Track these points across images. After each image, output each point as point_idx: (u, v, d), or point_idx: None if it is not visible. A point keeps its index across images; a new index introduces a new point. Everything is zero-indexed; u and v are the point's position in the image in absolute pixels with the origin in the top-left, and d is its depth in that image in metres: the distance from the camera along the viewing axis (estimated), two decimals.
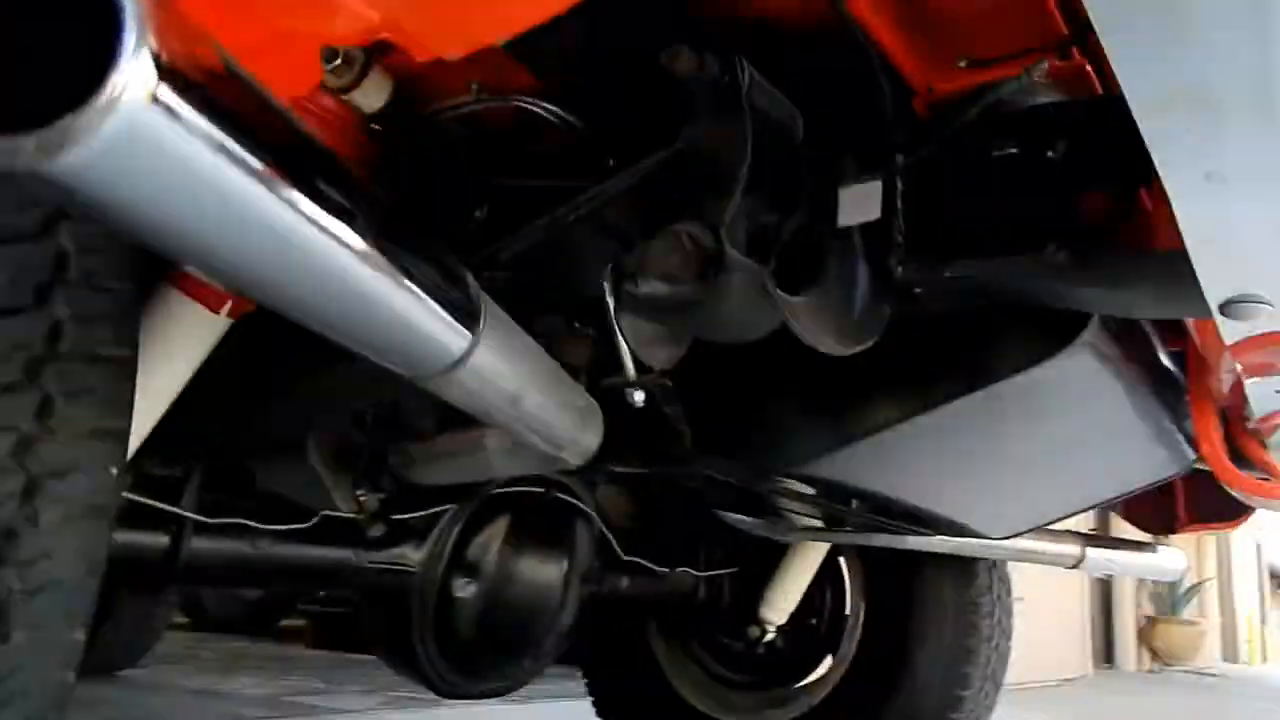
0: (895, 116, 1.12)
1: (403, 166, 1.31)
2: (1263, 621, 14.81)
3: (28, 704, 0.80)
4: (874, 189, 1.08)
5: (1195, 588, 11.11)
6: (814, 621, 2.95)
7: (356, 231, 0.62)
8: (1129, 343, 1.36)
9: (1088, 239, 1.05)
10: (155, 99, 0.42)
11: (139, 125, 0.42)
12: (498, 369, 0.87)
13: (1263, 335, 1.14)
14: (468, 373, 0.83)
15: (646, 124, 1.08)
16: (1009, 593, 2.85)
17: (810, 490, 1.60)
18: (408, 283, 0.69)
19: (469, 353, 0.82)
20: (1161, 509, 2.57)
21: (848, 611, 2.90)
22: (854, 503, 1.69)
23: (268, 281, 0.58)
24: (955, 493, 1.72)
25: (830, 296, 1.07)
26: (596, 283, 1.27)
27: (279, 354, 1.40)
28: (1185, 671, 10.24)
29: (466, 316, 0.80)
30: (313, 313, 0.64)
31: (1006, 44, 1.09)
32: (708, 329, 1.09)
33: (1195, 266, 0.93)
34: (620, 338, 1.29)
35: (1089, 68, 1.08)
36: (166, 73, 0.42)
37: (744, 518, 2.45)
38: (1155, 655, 10.46)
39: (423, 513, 1.87)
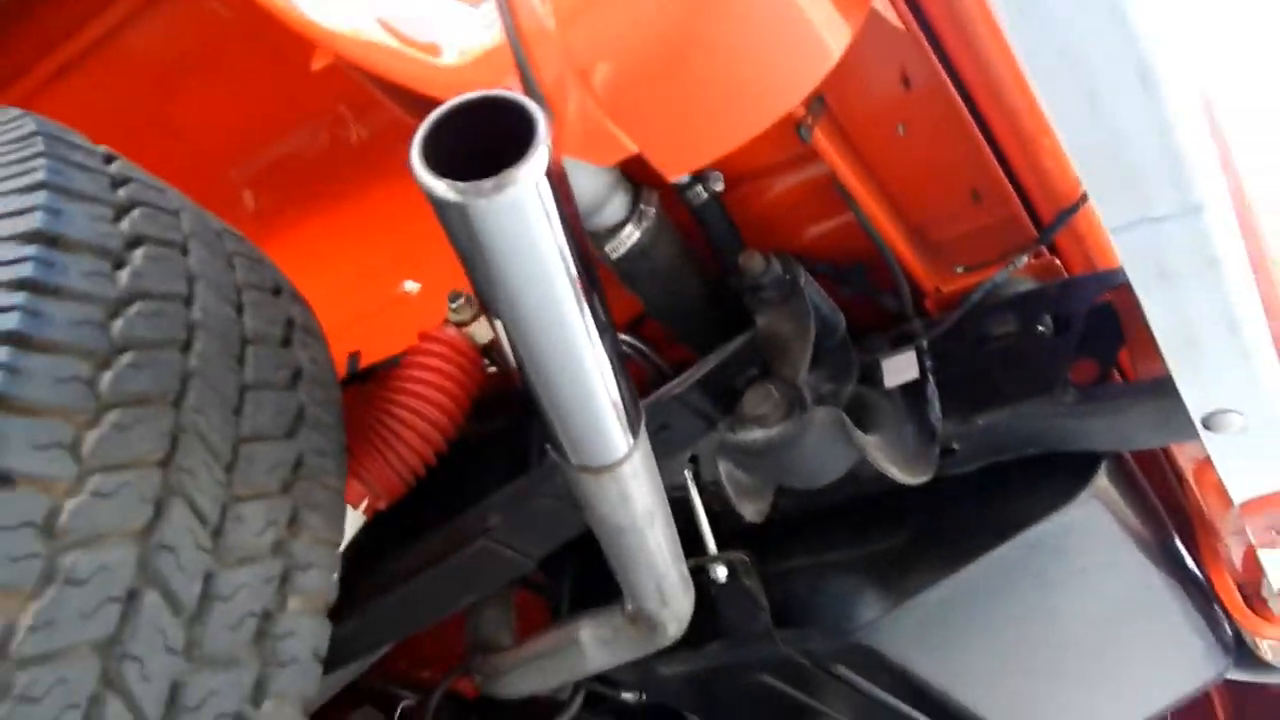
0: (914, 311, 1.43)
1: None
2: None
3: None
4: (910, 357, 1.36)
5: None
6: None
7: (596, 326, 0.86)
8: (1136, 505, 1.57)
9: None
10: (546, 175, 0.67)
11: (532, 190, 0.67)
12: (645, 478, 1.07)
13: (1269, 496, 1.36)
14: (628, 471, 1.03)
15: (723, 323, 1.37)
16: None
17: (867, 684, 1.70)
18: (614, 378, 0.92)
19: (629, 455, 1.03)
20: None
21: None
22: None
23: (540, 340, 0.81)
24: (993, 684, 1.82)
25: (890, 439, 1.31)
26: (679, 470, 1.49)
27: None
28: None
29: (632, 421, 1.01)
30: (554, 372, 0.86)
31: (990, 252, 1.43)
32: (791, 472, 1.30)
33: (1179, 386, 1.17)
34: (700, 518, 1.49)
35: (1057, 261, 1.42)
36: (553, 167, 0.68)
37: None
38: None
39: None
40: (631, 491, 1.07)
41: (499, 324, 0.82)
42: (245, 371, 1.00)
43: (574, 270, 0.77)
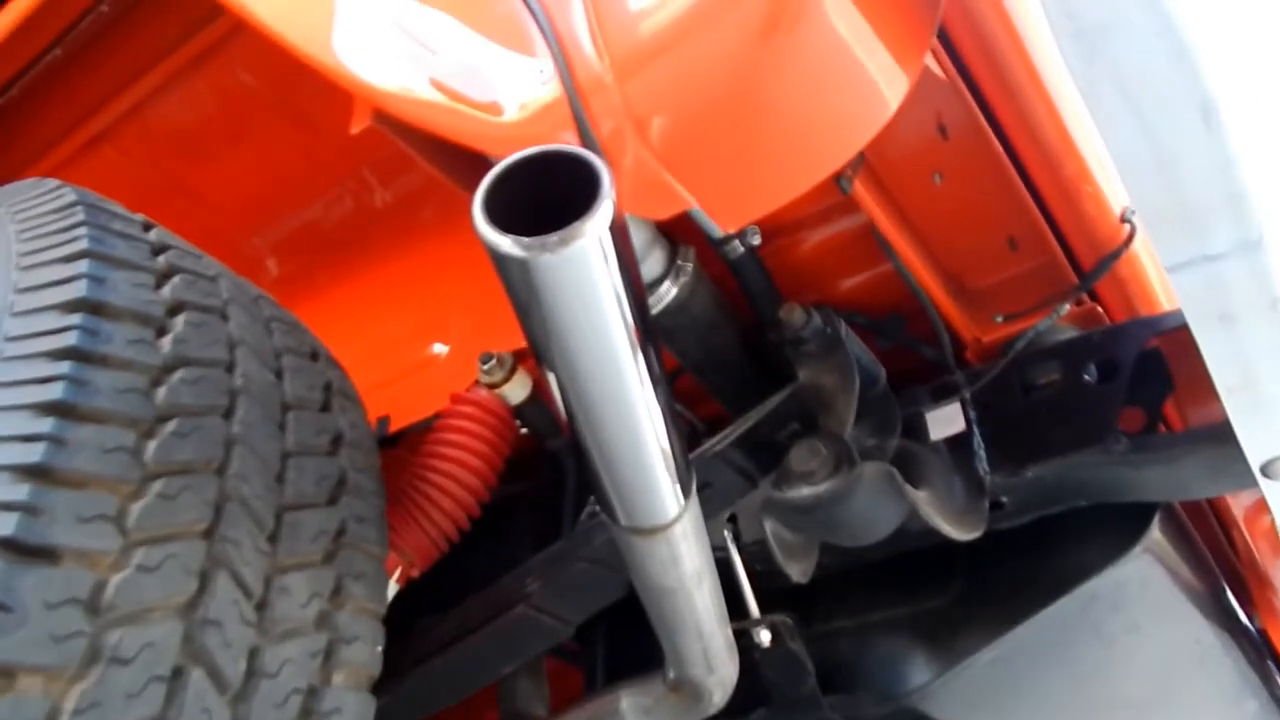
0: (955, 362, 1.40)
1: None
2: None
3: None
4: (954, 409, 1.33)
5: None
6: None
7: (651, 380, 0.83)
8: (1188, 557, 1.53)
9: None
10: (609, 228, 0.65)
11: (596, 244, 0.65)
12: (694, 539, 1.04)
13: None
14: (679, 532, 1.00)
15: (764, 378, 1.35)
16: None
17: None
18: (668, 436, 0.89)
19: (680, 516, 0.99)
20: None
21: None
22: None
23: (597, 393, 0.79)
24: None
25: (940, 494, 1.27)
26: (717, 530, 1.46)
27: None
28: None
29: (684, 482, 0.98)
30: (609, 429, 0.83)
31: (1029, 300, 1.41)
32: (839, 529, 1.26)
33: (1237, 432, 1.14)
34: (741, 579, 1.45)
35: (1099, 308, 1.40)
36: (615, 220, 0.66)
37: None
38: None
39: None
40: (682, 553, 1.03)
41: (553, 377, 0.80)
42: (287, 438, 0.98)
43: (632, 323, 0.75)
